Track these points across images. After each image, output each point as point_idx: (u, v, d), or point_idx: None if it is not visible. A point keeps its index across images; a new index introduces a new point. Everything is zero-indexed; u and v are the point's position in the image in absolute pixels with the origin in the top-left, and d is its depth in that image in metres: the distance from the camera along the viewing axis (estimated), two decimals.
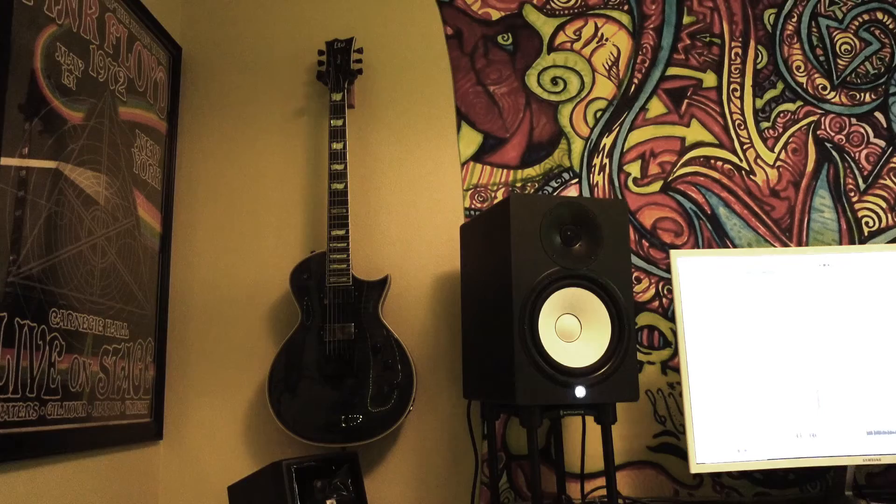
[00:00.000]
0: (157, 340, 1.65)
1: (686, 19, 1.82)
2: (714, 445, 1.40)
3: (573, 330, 1.30)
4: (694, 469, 1.39)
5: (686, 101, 1.79)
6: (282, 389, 1.56)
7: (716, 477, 1.63)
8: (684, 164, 1.77)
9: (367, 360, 1.57)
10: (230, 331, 1.72)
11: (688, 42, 1.81)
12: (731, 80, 1.80)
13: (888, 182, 1.75)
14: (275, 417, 1.54)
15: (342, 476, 1.44)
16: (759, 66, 1.80)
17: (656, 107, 1.79)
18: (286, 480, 1.34)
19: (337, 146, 1.64)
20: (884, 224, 1.73)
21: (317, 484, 1.40)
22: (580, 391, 1.26)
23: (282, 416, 1.54)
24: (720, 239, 1.73)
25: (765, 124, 1.78)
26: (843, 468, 1.46)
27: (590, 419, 1.64)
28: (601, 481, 1.62)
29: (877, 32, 1.81)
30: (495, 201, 1.75)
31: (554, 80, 1.80)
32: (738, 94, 1.79)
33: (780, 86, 1.80)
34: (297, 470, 1.36)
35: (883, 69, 1.80)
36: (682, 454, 1.64)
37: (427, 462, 1.66)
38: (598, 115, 1.79)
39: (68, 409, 1.27)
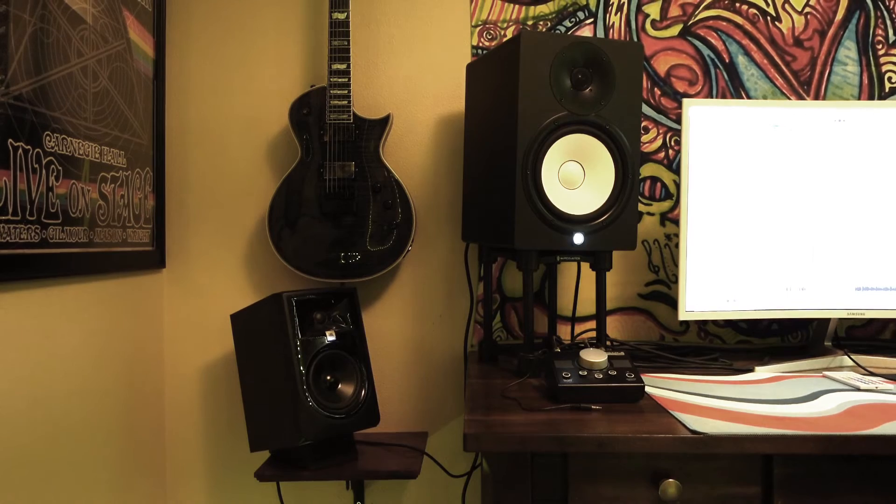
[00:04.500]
0: (155, 171, 1.63)
1: None
2: (704, 295, 1.43)
3: (576, 177, 1.28)
4: (682, 316, 1.43)
5: None
6: (282, 224, 1.56)
7: (702, 324, 1.69)
8: (707, 7, 1.66)
9: (366, 200, 1.56)
10: (229, 163, 1.70)
11: None
12: None
13: None
14: (275, 251, 1.57)
15: (341, 309, 1.49)
16: None
17: None
18: (287, 311, 1.38)
19: None
20: None
21: (316, 316, 1.44)
22: (578, 238, 1.27)
23: (282, 250, 1.57)
24: (735, 90, 1.67)
25: None
26: (827, 321, 1.51)
27: (585, 265, 1.67)
28: (591, 324, 1.68)
29: None
30: (504, 40, 1.66)
31: None
32: None
33: None
34: (297, 301, 1.40)
35: None
36: (671, 302, 1.69)
37: (424, 300, 1.70)
38: None
39: (70, 234, 1.28)
